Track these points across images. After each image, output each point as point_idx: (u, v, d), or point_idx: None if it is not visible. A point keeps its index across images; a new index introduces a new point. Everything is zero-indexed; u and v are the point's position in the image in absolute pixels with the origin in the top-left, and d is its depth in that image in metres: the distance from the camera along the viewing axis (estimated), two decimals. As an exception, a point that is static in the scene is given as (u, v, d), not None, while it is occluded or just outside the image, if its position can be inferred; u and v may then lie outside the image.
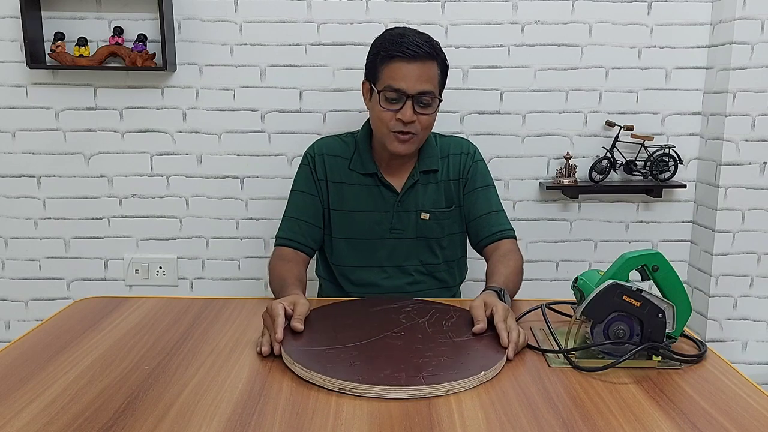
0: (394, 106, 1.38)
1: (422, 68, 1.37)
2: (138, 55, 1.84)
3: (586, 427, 0.84)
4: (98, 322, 1.23)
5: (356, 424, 0.84)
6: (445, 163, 1.52)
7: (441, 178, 1.51)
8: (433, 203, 1.49)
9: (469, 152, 1.54)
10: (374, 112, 1.42)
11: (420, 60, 1.36)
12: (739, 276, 1.94)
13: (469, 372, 0.96)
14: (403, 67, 1.36)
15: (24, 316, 2.05)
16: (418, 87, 1.36)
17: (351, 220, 1.49)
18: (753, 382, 0.99)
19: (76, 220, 2.00)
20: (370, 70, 1.43)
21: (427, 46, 1.37)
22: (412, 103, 1.37)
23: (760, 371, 1.98)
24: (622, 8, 1.91)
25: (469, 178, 1.52)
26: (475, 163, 1.53)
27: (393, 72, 1.37)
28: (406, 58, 1.36)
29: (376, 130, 1.45)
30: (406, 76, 1.36)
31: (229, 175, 1.98)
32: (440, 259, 1.52)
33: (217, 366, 1.03)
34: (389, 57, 1.37)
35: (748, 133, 1.87)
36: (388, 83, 1.37)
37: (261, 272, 2.04)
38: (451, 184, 1.51)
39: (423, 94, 1.37)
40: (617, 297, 1.02)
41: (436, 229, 1.50)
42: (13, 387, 0.95)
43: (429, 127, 1.42)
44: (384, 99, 1.38)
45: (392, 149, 1.42)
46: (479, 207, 1.50)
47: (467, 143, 1.56)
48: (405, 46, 1.36)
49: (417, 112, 1.38)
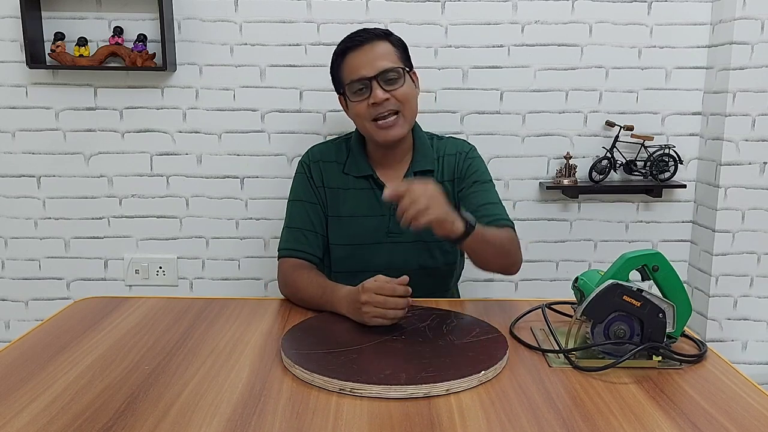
0: (364, 95, 1.39)
1: (373, 49, 1.39)
2: (138, 55, 1.84)
3: (586, 427, 0.84)
4: (98, 322, 1.23)
5: (356, 424, 0.84)
6: (440, 164, 1.50)
7: (437, 179, 1.48)
8: None
9: (464, 151, 1.51)
10: (352, 112, 1.43)
11: (368, 43, 1.39)
12: (739, 276, 1.94)
13: (469, 372, 0.96)
14: (355, 56, 1.39)
15: (24, 316, 2.05)
16: (375, 66, 1.37)
17: (348, 225, 1.47)
18: (753, 382, 0.99)
19: (76, 220, 2.00)
20: (335, 82, 1.47)
21: (372, 30, 1.42)
22: (378, 83, 1.37)
23: (760, 371, 1.98)
24: (622, 8, 1.91)
25: (464, 175, 1.48)
26: (470, 160, 1.50)
27: (349, 65, 1.40)
28: (354, 47, 1.40)
29: (361, 129, 1.45)
30: (361, 62, 1.38)
31: (229, 175, 1.98)
32: (440, 261, 1.50)
33: (217, 366, 1.03)
34: (341, 55, 1.42)
35: (748, 133, 1.87)
36: (349, 78, 1.40)
37: (261, 272, 2.04)
38: (446, 185, 1.48)
39: (384, 71, 1.38)
40: (617, 297, 1.02)
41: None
42: (13, 387, 0.95)
43: (407, 101, 1.40)
44: (352, 93, 1.40)
45: (381, 139, 1.41)
46: (475, 200, 1.45)
47: (462, 142, 1.54)
48: (350, 38, 1.42)
49: (387, 89, 1.38)
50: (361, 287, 1.17)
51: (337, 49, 1.44)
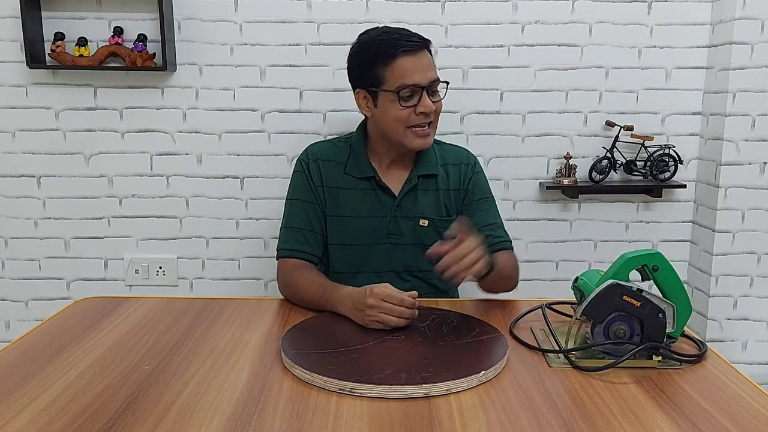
0: (411, 102, 1.37)
1: (425, 57, 1.38)
2: (138, 55, 1.84)
3: (587, 427, 0.84)
4: (98, 322, 1.23)
5: (356, 424, 0.84)
6: (444, 171, 1.50)
7: (440, 187, 1.49)
8: (432, 210, 1.48)
9: (470, 163, 1.53)
10: (388, 114, 1.39)
11: (420, 50, 1.38)
12: (739, 276, 1.94)
13: (469, 372, 0.96)
14: (411, 60, 1.36)
15: (24, 316, 2.05)
16: (429, 76, 1.37)
17: (347, 226, 1.47)
18: (753, 382, 0.99)
19: (76, 220, 2.00)
20: (367, 77, 1.40)
21: (419, 37, 1.40)
22: (427, 93, 1.37)
23: (760, 371, 1.98)
24: (622, 8, 1.91)
25: (469, 189, 1.50)
26: (475, 175, 1.52)
27: (402, 69, 1.35)
28: (410, 51, 1.36)
29: (391, 131, 1.41)
30: (417, 69, 1.36)
31: (229, 175, 1.98)
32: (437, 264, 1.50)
33: (217, 366, 1.03)
34: (391, 56, 1.36)
35: (748, 133, 1.87)
36: (401, 82, 1.35)
37: (261, 272, 2.04)
38: (451, 194, 1.50)
39: (434, 82, 1.38)
40: (617, 297, 1.02)
41: (434, 236, 1.46)
42: (13, 387, 0.95)
43: (439, 114, 1.43)
44: (399, 97, 1.36)
45: (414, 146, 1.40)
46: (477, 220, 1.47)
47: (467, 153, 1.55)
48: (404, 41, 1.36)
49: (433, 101, 1.39)
50: (369, 291, 1.17)
51: (384, 47, 1.36)
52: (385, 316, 1.15)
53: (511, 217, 1.99)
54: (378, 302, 1.15)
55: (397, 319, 1.15)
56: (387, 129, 1.41)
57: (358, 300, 1.18)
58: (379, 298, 1.15)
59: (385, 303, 1.15)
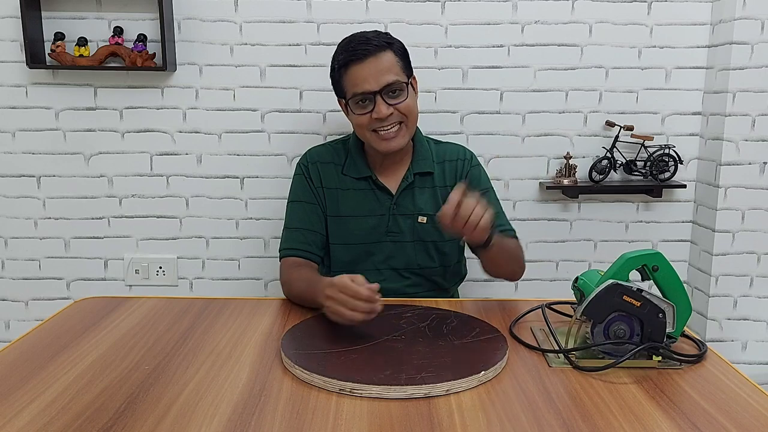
0: (367, 108, 1.38)
1: (377, 62, 1.37)
2: (138, 55, 1.84)
3: (586, 427, 0.84)
4: (98, 322, 1.23)
5: (356, 424, 0.84)
6: (441, 168, 1.51)
7: (437, 184, 1.50)
8: (430, 207, 1.48)
9: (466, 158, 1.54)
10: (353, 121, 1.43)
11: (372, 55, 1.37)
12: (739, 276, 1.94)
13: (469, 372, 0.96)
14: (359, 68, 1.37)
15: (24, 316, 2.05)
16: (380, 81, 1.36)
17: (347, 225, 1.48)
18: (753, 382, 0.99)
19: (76, 220, 2.00)
20: (337, 86, 1.45)
21: (375, 40, 1.38)
22: (382, 98, 1.37)
23: (760, 371, 1.98)
24: (622, 8, 1.91)
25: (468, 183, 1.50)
26: (472, 168, 1.53)
27: (352, 78, 1.38)
28: (358, 59, 1.37)
29: (362, 137, 1.45)
30: (365, 76, 1.36)
31: (229, 175, 1.98)
32: (437, 263, 1.51)
33: (217, 366, 1.03)
34: (344, 65, 1.39)
35: (748, 133, 1.87)
36: (353, 91, 1.39)
37: (261, 272, 2.04)
38: (448, 190, 1.48)
39: (388, 86, 1.37)
40: (617, 297, 1.02)
41: (433, 233, 1.48)
42: (13, 387, 0.95)
43: (411, 112, 1.41)
44: (355, 105, 1.40)
45: (382, 149, 1.41)
46: None
47: (463, 149, 1.56)
48: (353, 48, 1.38)
49: (390, 104, 1.38)
50: (329, 281, 1.14)
51: (339, 58, 1.40)
52: (340, 308, 1.10)
53: (511, 217, 1.97)
54: (334, 293, 1.11)
55: (351, 312, 1.09)
56: (359, 135, 1.46)
57: (321, 290, 1.16)
58: (336, 288, 1.11)
59: (340, 294, 1.10)
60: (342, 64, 1.40)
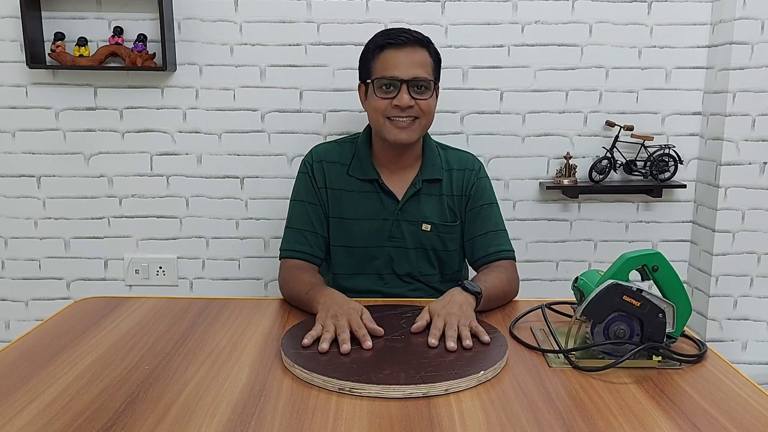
0: (390, 94, 1.38)
1: (413, 54, 1.38)
2: (138, 55, 1.84)
3: (586, 427, 0.84)
4: (98, 322, 1.23)
5: (356, 424, 0.84)
6: (449, 176, 1.49)
7: (444, 192, 1.48)
8: (435, 215, 1.46)
9: (474, 168, 1.51)
10: (371, 104, 1.42)
11: (410, 46, 1.38)
12: (739, 276, 1.94)
13: (468, 372, 0.96)
14: (394, 54, 1.38)
15: (24, 316, 2.05)
16: (411, 72, 1.37)
17: (349, 228, 1.46)
18: (753, 382, 0.99)
19: (76, 220, 2.00)
20: (364, 69, 1.45)
21: (416, 34, 1.40)
22: (408, 88, 1.37)
23: (760, 371, 1.98)
24: (622, 8, 1.91)
25: (472, 194, 1.49)
26: (479, 180, 1.50)
27: (385, 61, 1.38)
28: (396, 45, 1.38)
29: (374, 123, 1.43)
30: (399, 62, 1.37)
31: (229, 175, 1.98)
32: (437, 270, 1.50)
33: (217, 366, 1.03)
34: (379, 48, 1.40)
35: (748, 133, 1.87)
36: (382, 73, 1.38)
37: (261, 272, 2.04)
38: (454, 199, 1.49)
39: (417, 79, 1.37)
40: (617, 297, 1.02)
41: (436, 241, 1.47)
42: (13, 387, 0.95)
43: (429, 113, 1.41)
44: (379, 88, 1.39)
45: (392, 138, 1.39)
46: (480, 225, 1.48)
47: (473, 159, 1.54)
48: (394, 35, 1.39)
49: (414, 97, 1.38)
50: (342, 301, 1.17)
51: (377, 40, 1.41)
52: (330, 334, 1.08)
53: (511, 217, 1.99)
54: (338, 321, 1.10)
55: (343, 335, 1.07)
56: (371, 120, 1.44)
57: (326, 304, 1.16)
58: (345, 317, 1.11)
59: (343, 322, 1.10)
60: (379, 45, 1.40)
